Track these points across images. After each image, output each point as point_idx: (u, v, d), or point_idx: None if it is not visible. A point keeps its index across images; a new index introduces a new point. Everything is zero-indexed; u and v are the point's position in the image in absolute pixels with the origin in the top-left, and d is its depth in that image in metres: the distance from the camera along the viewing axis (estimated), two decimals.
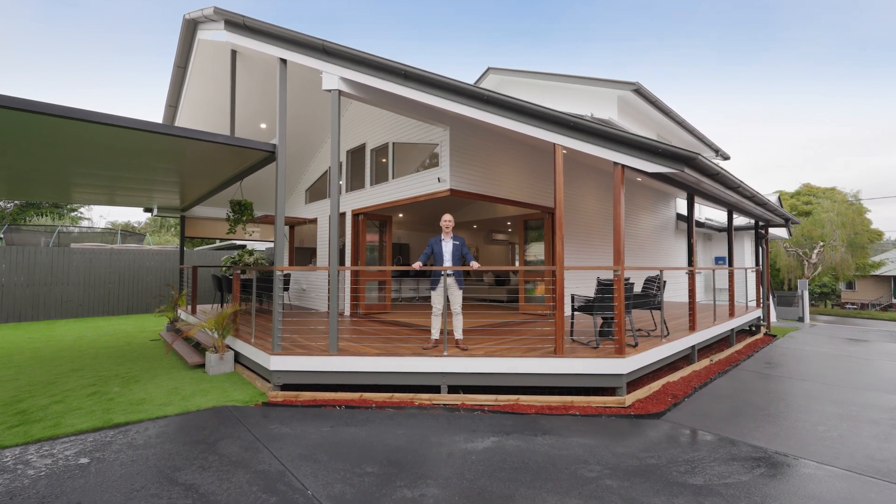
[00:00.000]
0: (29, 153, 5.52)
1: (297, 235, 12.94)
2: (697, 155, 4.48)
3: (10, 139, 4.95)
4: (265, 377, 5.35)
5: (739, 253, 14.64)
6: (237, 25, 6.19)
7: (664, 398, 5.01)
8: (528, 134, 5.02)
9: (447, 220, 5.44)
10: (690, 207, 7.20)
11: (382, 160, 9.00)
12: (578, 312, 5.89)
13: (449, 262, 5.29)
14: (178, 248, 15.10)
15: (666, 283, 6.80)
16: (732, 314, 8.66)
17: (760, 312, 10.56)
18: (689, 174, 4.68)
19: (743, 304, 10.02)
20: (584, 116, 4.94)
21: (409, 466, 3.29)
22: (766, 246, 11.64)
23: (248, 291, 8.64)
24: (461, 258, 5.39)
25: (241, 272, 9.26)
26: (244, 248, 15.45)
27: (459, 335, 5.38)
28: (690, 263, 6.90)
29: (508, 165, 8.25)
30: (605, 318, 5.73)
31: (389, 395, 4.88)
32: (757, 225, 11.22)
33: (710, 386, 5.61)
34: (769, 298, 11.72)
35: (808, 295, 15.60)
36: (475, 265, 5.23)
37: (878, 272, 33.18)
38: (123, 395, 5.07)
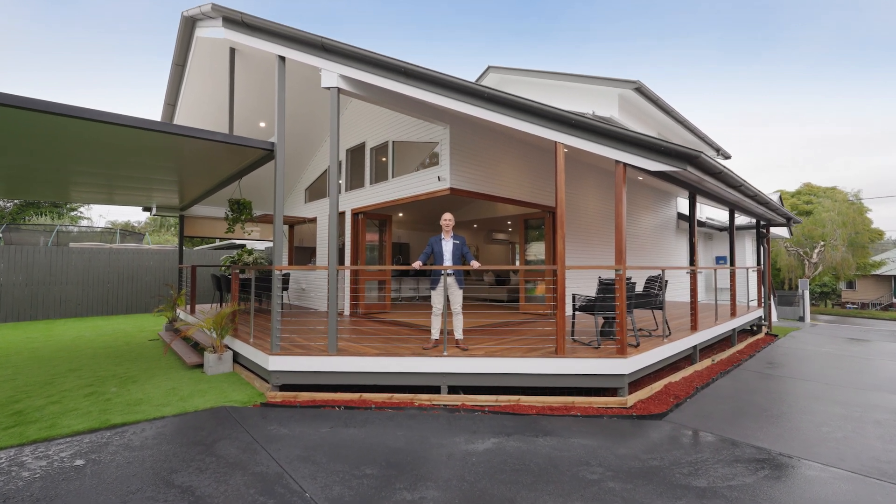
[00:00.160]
0: (28, 152, 5.48)
1: (296, 235, 12.89)
2: (700, 153, 4.44)
3: (9, 138, 4.91)
4: (264, 377, 5.30)
5: (740, 252, 14.59)
6: (235, 22, 6.15)
7: (666, 399, 4.97)
8: (529, 132, 4.97)
9: (447, 219, 5.40)
10: (692, 206, 7.15)
11: (382, 159, 8.95)
12: (579, 312, 5.86)
13: (449, 261, 5.25)
14: (177, 247, 15.09)
15: (668, 282, 6.75)
16: (734, 314, 8.62)
17: (762, 312, 10.53)
18: (691, 172, 4.64)
19: (744, 303, 9.97)
20: (585, 114, 4.90)
21: (408, 468, 3.25)
22: (767, 245, 11.59)
23: (247, 291, 8.61)
24: (461, 257, 5.35)
25: (239, 272, 9.22)
26: (243, 247, 15.39)
27: (460, 335, 5.34)
28: (692, 263, 6.86)
29: (509, 164, 8.21)
30: (606, 317, 5.69)
31: (389, 395, 4.83)
32: (758, 224, 11.16)
33: (712, 386, 5.57)
34: (770, 298, 11.68)
35: (808, 294, 15.57)
36: (475, 264, 5.19)
37: (878, 272, 33.12)
38: (121, 395, 5.03)
